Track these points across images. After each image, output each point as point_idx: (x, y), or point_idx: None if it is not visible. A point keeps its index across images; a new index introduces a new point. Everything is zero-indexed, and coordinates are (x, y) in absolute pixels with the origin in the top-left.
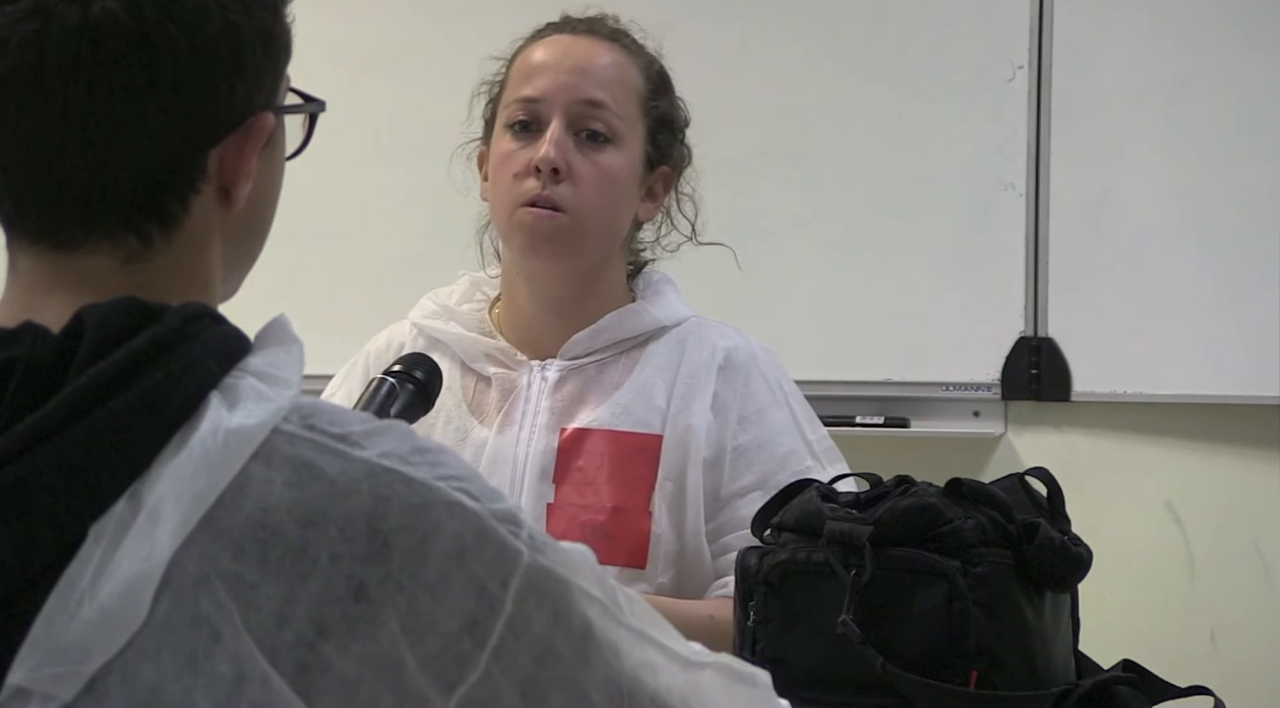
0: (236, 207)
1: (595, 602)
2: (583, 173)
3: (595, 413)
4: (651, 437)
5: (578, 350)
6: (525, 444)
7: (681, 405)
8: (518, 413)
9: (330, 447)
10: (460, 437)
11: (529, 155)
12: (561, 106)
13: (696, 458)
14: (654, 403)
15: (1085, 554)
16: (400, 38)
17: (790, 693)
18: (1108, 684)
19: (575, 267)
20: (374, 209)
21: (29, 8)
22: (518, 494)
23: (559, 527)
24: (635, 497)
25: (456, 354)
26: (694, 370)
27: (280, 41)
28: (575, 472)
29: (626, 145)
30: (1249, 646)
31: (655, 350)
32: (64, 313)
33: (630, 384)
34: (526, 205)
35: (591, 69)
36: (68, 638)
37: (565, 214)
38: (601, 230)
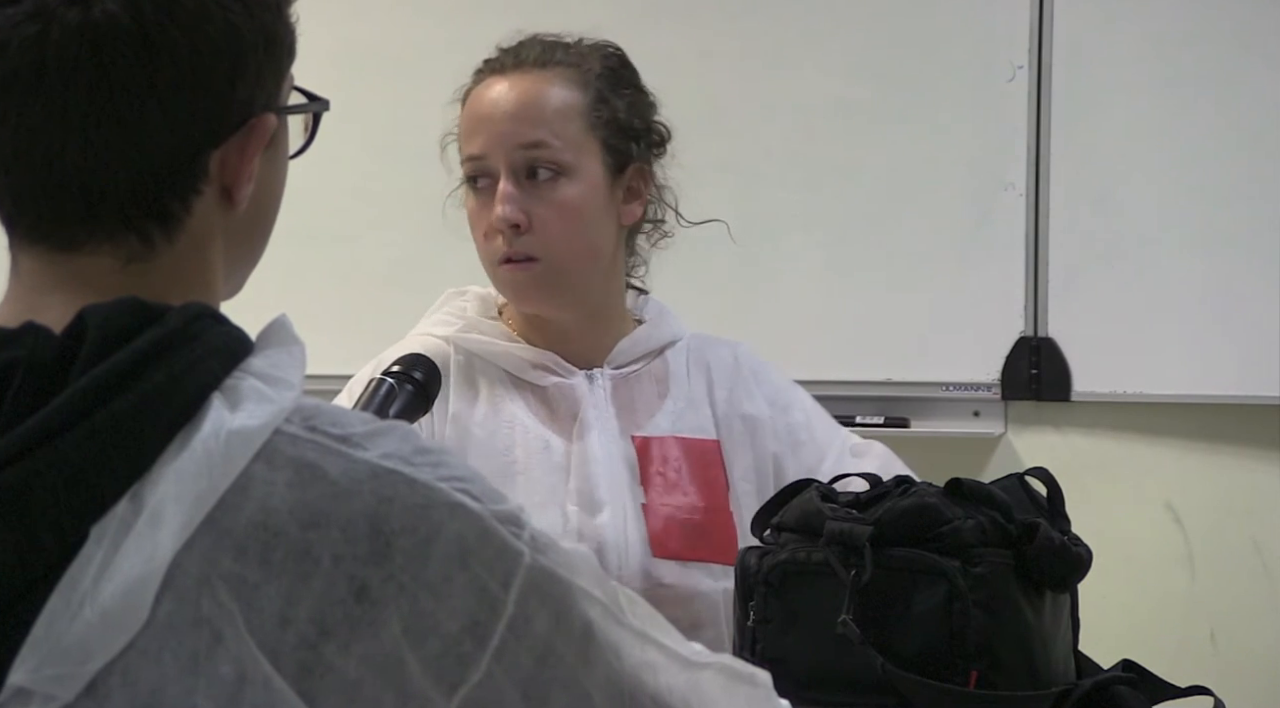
0: (239, 207)
1: (596, 603)
2: (543, 216)
3: (655, 421)
4: (710, 442)
5: (622, 359)
6: (608, 449)
7: (728, 410)
8: (592, 418)
9: (332, 448)
10: (543, 447)
11: (489, 213)
12: (504, 158)
13: (764, 453)
14: (703, 410)
15: (1085, 554)
16: (400, 38)
17: (790, 693)
18: (1108, 684)
19: (570, 298)
20: (374, 209)
21: (30, 10)
22: (619, 495)
23: (657, 525)
24: (717, 498)
25: (500, 368)
26: (727, 375)
27: (283, 42)
28: (657, 476)
29: (581, 169)
30: (1249, 646)
31: (676, 361)
32: (66, 313)
33: (675, 392)
34: (502, 263)
35: (524, 110)
36: (69, 639)
37: (538, 262)
38: (580, 259)
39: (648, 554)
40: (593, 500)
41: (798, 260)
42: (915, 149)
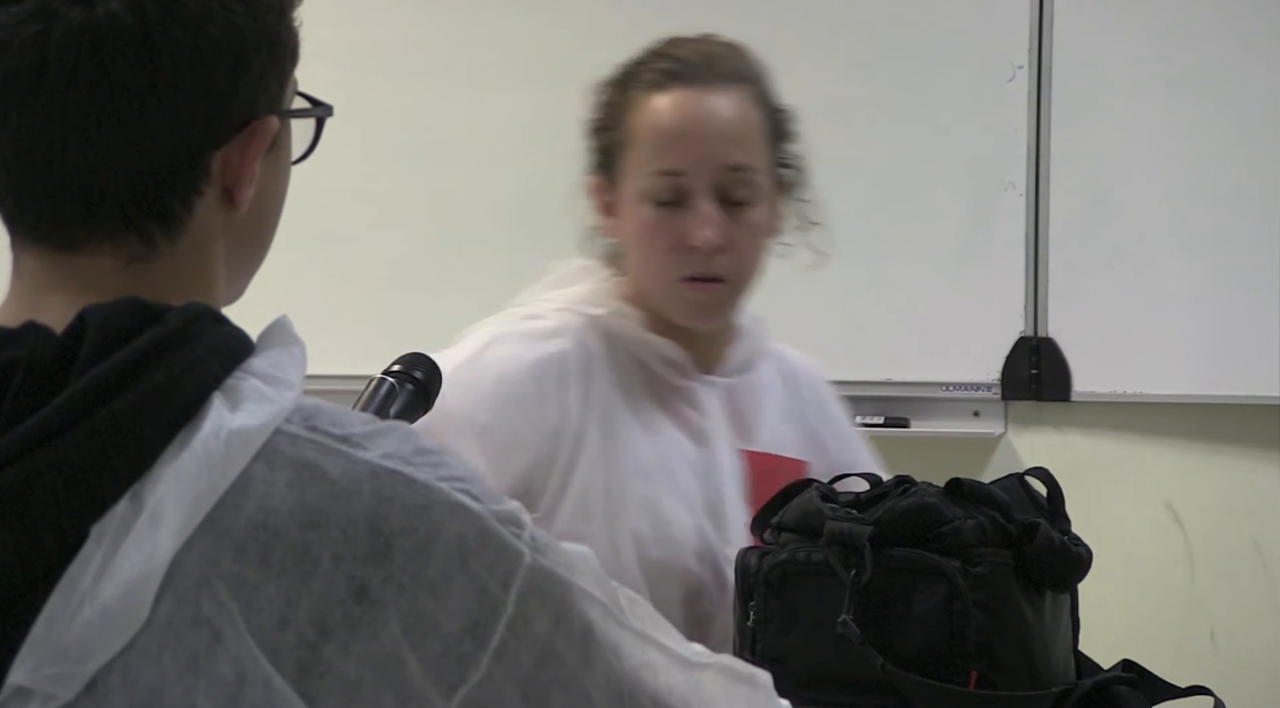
0: (240, 209)
1: (596, 603)
2: (737, 239)
3: (760, 435)
4: (799, 463)
5: (732, 368)
6: (728, 461)
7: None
8: (711, 428)
9: (332, 448)
10: (675, 448)
11: (678, 229)
12: (707, 179)
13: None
14: (794, 426)
15: (1085, 554)
16: (401, 38)
17: (790, 693)
18: (1108, 684)
19: (731, 317)
20: (374, 209)
21: (32, 9)
22: (736, 510)
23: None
24: None
25: (639, 361)
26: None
27: (286, 45)
28: (759, 496)
29: (765, 192)
30: (1249, 646)
31: (766, 372)
32: (66, 313)
33: (768, 406)
34: (687, 280)
35: (727, 130)
36: (69, 638)
37: (724, 283)
38: (754, 281)
39: None
40: (719, 515)
41: (797, 260)
42: (915, 149)
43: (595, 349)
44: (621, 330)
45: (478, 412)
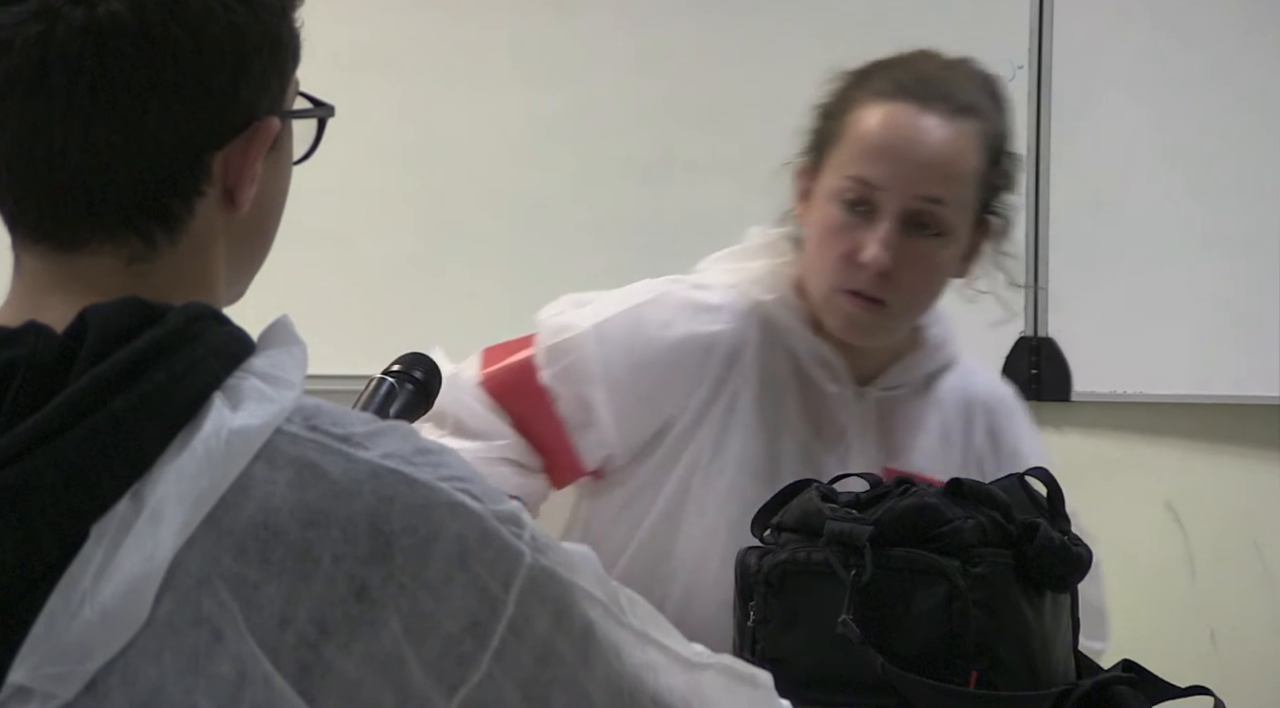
0: (241, 210)
1: (597, 603)
2: (909, 267)
3: (909, 456)
4: None
5: (894, 382)
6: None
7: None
8: (855, 443)
9: (333, 447)
10: (805, 457)
11: (855, 240)
12: (898, 202)
13: None
14: (953, 448)
15: (1085, 554)
16: (400, 38)
17: (790, 693)
18: (1108, 684)
19: (888, 339)
20: (374, 209)
21: (34, 8)
22: None
23: None
24: None
25: (791, 356)
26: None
27: (287, 45)
28: None
29: (957, 233)
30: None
31: (946, 389)
32: (67, 313)
33: (931, 426)
34: (848, 292)
35: (935, 160)
36: (69, 638)
37: (884, 307)
38: (917, 315)
39: None
40: None
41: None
42: None
43: (750, 337)
44: (783, 322)
45: (614, 366)
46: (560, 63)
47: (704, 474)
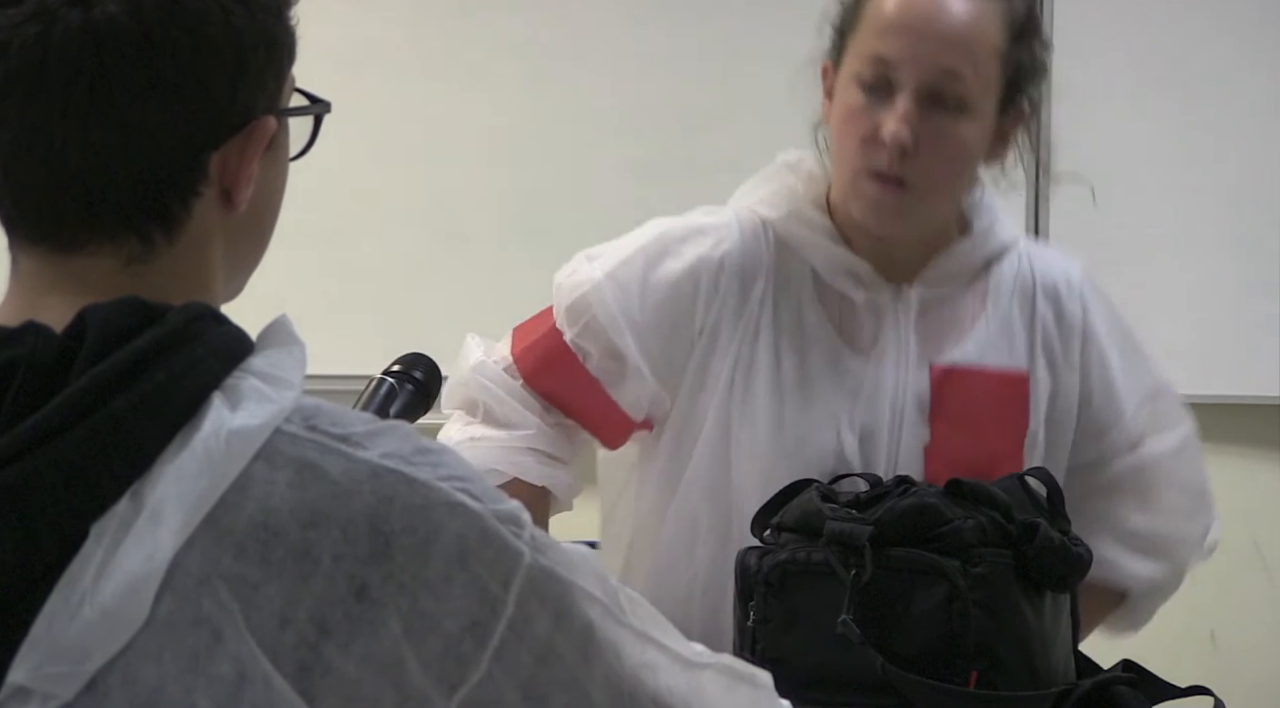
0: (238, 209)
1: (596, 603)
2: (930, 143)
3: (961, 348)
4: (1017, 375)
5: (935, 278)
6: (901, 380)
7: (1045, 340)
8: (889, 343)
9: (332, 447)
10: (834, 363)
11: (874, 119)
12: (915, 76)
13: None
14: (1015, 338)
15: (1085, 554)
16: (400, 38)
17: (790, 693)
18: (1108, 684)
19: (915, 226)
20: (374, 209)
21: (31, 10)
22: (897, 434)
23: (936, 470)
24: (1010, 441)
25: (810, 267)
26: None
27: (284, 44)
28: (949, 413)
29: (980, 111)
30: (1249, 646)
31: (1002, 276)
32: (66, 313)
33: (989, 316)
34: (871, 175)
35: (951, 34)
36: (69, 638)
37: (907, 189)
38: (944, 200)
39: None
40: (873, 435)
41: None
42: None
43: (762, 256)
44: (794, 237)
45: (634, 308)
46: (560, 63)
47: (740, 400)
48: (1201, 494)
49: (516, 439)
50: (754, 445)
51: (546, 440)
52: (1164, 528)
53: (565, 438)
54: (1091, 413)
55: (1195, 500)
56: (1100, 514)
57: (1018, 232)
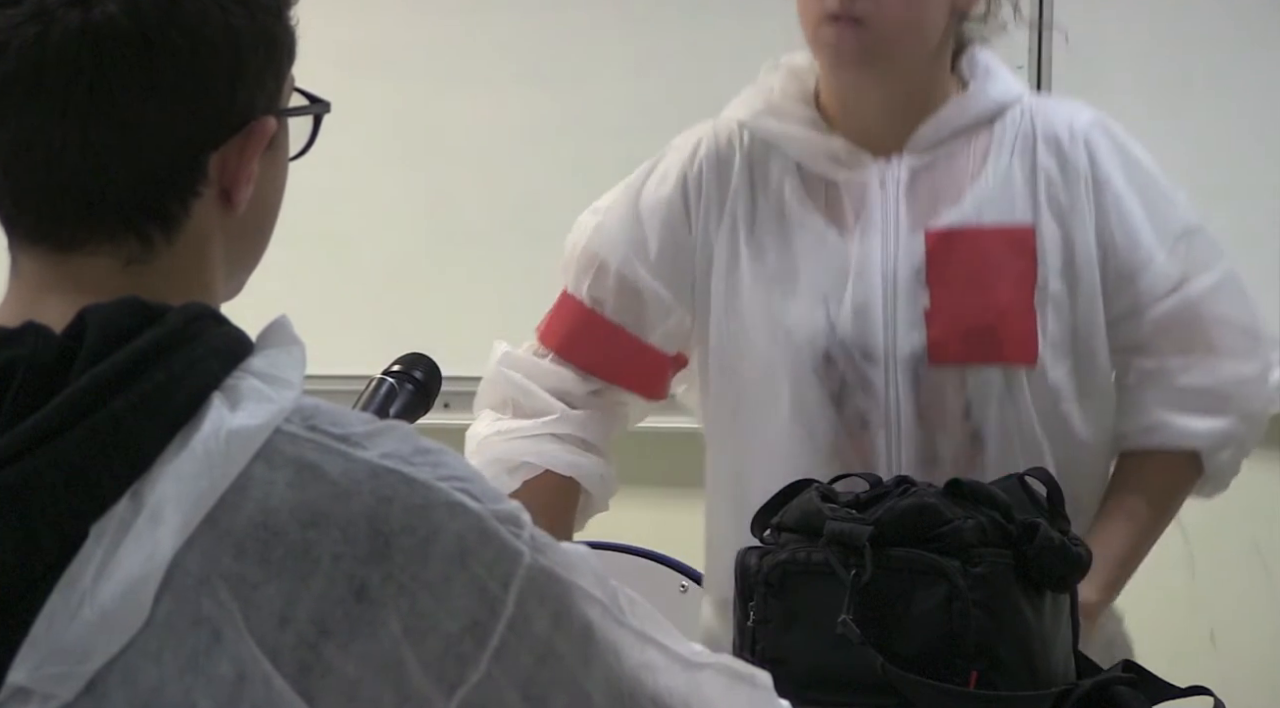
0: (238, 209)
1: (596, 603)
2: None
3: (957, 209)
4: (1022, 229)
5: (924, 144)
6: (891, 250)
7: (1049, 191)
8: (876, 217)
9: (332, 447)
10: (820, 245)
11: None
12: None
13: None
14: (1016, 192)
15: (1085, 555)
16: (400, 38)
17: (790, 693)
18: (1108, 684)
19: (887, 75)
20: (374, 209)
21: (30, 11)
22: (892, 304)
23: (939, 331)
24: (1018, 294)
25: (791, 156)
26: (1054, 152)
27: (283, 44)
28: (949, 274)
29: None
30: (1249, 646)
31: (1003, 133)
32: (66, 313)
33: (987, 173)
34: (828, 20)
35: None
36: (69, 638)
37: (864, 27)
38: (907, 33)
39: (921, 365)
40: (866, 311)
41: None
42: None
43: (733, 156)
44: (770, 131)
45: (635, 238)
46: (560, 63)
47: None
48: (1251, 331)
49: (541, 426)
50: (747, 339)
51: (574, 424)
52: (1216, 375)
53: (599, 419)
54: (1117, 261)
55: (1245, 338)
56: (1149, 375)
57: (1021, 88)
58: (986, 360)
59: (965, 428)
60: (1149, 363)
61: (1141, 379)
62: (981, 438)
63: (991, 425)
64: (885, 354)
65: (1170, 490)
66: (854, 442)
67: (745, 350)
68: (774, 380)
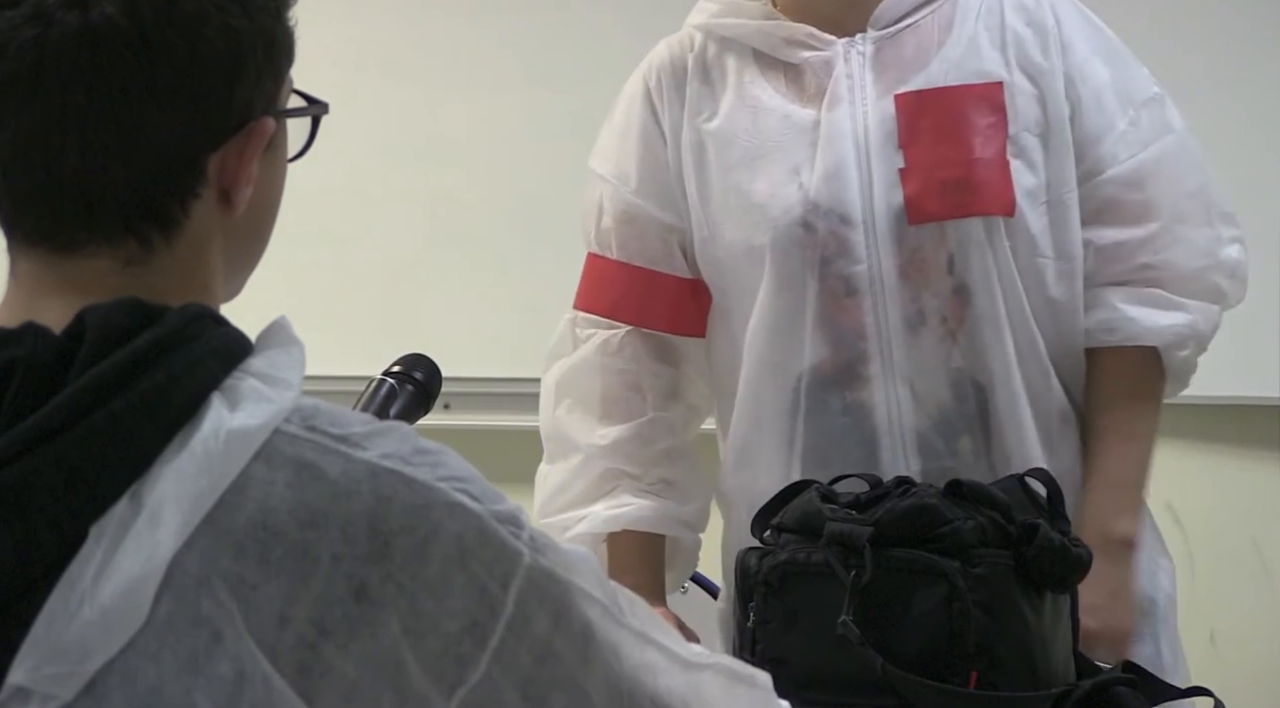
0: (237, 210)
1: (596, 603)
2: None
3: (925, 74)
4: (991, 85)
5: (888, 19)
6: (860, 117)
7: (1019, 49)
8: (843, 90)
9: (331, 448)
10: (784, 122)
11: None
12: None
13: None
14: (984, 53)
15: (1085, 555)
16: (400, 38)
17: (790, 694)
18: (1108, 685)
19: None
20: (374, 209)
21: (29, 13)
22: (865, 167)
23: (915, 188)
24: (991, 146)
25: (749, 49)
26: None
27: (281, 45)
28: (921, 133)
29: None
30: (1249, 646)
31: (966, 3)
32: (65, 315)
33: (954, 39)
34: None
35: None
36: (68, 638)
37: None
38: None
39: (901, 224)
40: (838, 175)
41: None
42: None
43: (685, 59)
44: (726, 28)
45: (620, 163)
46: (560, 63)
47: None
48: (1200, 197)
49: (605, 457)
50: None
51: (624, 455)
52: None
53: (665, 422)
54: (1084, 121)
55: (1194, 204)
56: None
57: None
58: (965, 213)
59: (949, 282)
60: (1105, 236)
61: (1098, 260)
62: (967, 289)
63: (975, 276)
64: (864, 217)
65: (1147, 391)
66: (840, 308)
67: (721, 239)
68: (754, 262)
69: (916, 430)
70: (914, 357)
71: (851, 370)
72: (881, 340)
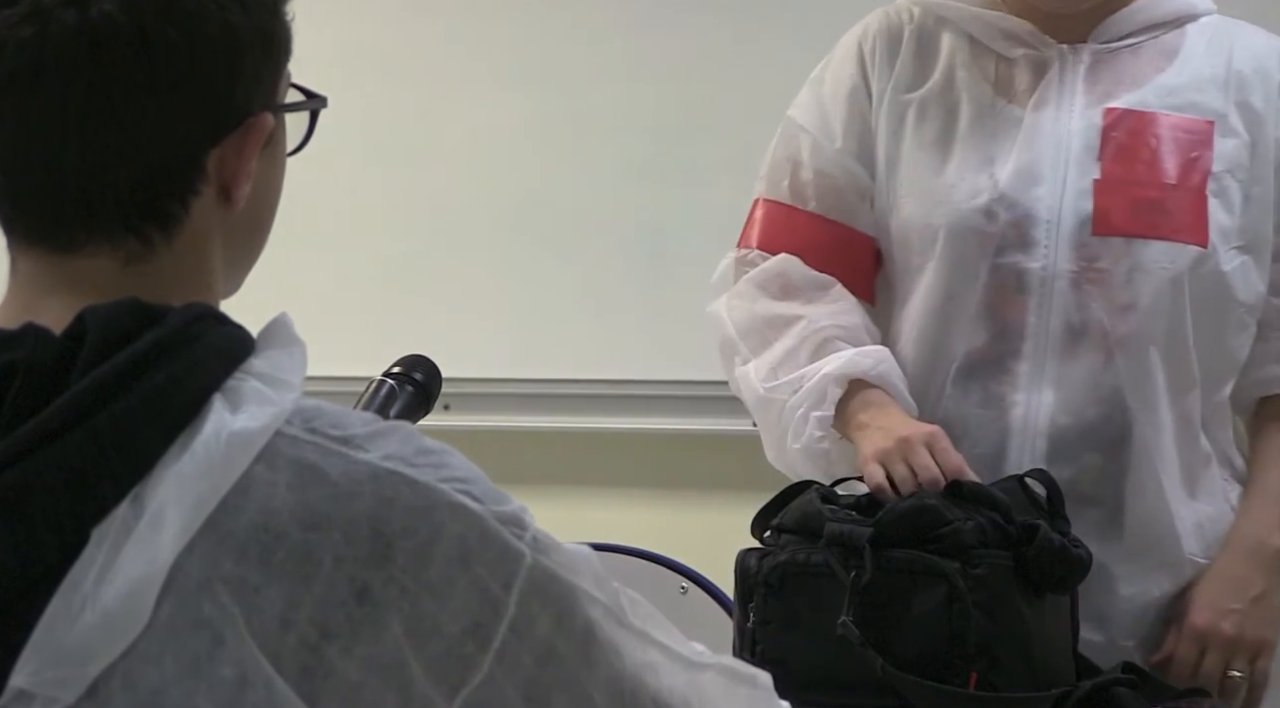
0: (237, 207)
1: (598, 604)
2: None
3: (1139, 95)
4: (1203, 123)
5: (1111, 34)
6: (1065, 122)
7: (1241, 94)
8: (1052, 93)
9: (333, 449)
10: (988, 112)
11: None
12: None
13: (1266, 153)
14: (1204, 88)
15: (1085, 556)
16: (400, 38)
17: (790, 694)
18: (1107, 686)
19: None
20: (373, 209)
21: (27, 10)
22: (1062, 170)
23: (1106, 202)
24: (1192, 178)
25: (965, 34)
26: (1251, 59)
27: (280, 41)
28: (1123, 149)
29: None
30: None
31: (1194, 37)
32: (65, 315)
33: (1175, 68)
34: None
35: None
36: (70, 641)
37: None
38: None
39: (1085, 232)
40: (1032, 173)
41: None
42: None
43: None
44: (946, 9)
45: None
46: (559, 64)
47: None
48: None
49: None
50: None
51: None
52: None
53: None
54: None
55: None
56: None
57: (1210, 4)
58: (1154, 234)
59: (1121, 299)
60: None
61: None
62: (1137, 311)
63: (1148, 300)
64: (1049, 217)
65: None
66: (1006, 301)
67: (898, 212)
68: (925, 242)
69: (1049, 437)
70: (1067, 365)
71: (1001, 364)
72: (1038, 342)
